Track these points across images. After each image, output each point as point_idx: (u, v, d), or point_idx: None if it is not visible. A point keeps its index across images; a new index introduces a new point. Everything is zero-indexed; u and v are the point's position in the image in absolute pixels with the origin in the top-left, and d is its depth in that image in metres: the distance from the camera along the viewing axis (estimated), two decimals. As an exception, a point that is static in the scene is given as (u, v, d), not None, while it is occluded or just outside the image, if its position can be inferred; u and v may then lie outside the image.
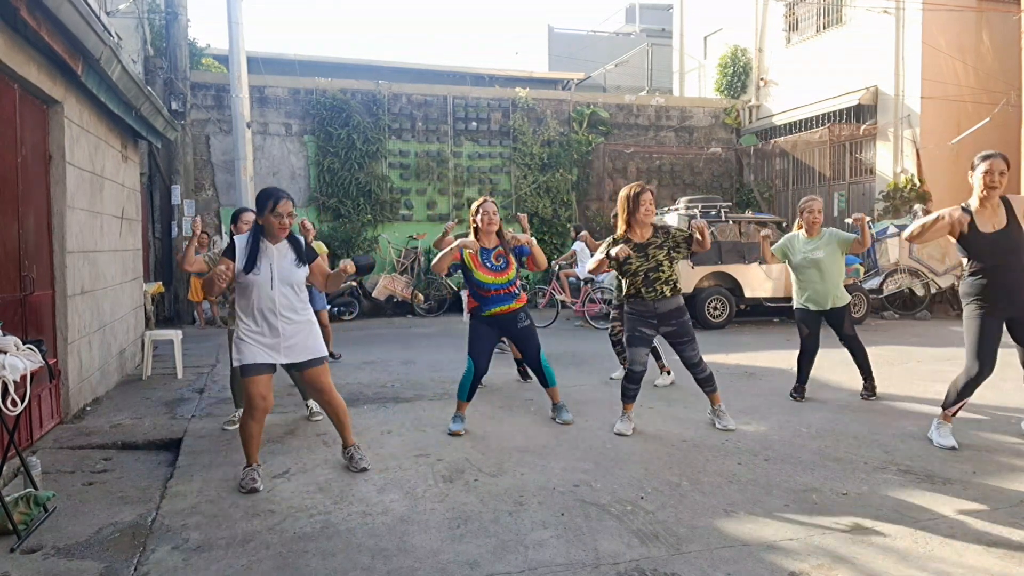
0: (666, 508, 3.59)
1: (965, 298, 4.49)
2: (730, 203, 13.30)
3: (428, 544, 3.21)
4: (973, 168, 4.41)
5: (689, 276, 10.90)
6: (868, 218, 6.02)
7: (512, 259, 5.17)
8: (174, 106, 12.49)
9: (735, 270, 11.06)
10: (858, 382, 6.04)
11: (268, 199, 3.92)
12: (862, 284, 11.73)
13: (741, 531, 3.31)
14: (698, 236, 4.73)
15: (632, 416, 5.04)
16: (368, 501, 3.74)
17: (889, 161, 13.43)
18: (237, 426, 5.22)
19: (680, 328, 4.95)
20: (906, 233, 4.58)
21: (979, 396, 5.40)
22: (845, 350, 5.90)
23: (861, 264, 12.20)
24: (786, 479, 3.99)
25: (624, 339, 5.06)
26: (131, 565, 3.10)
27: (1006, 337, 4.46)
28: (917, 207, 12.21)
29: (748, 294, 11.13)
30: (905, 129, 13.18)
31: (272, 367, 4.05)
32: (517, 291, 5.14)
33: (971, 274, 4.45)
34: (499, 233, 5.15)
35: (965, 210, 4.39)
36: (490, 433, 5.04)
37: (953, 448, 4.45)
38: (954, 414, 4.58)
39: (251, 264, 3.91)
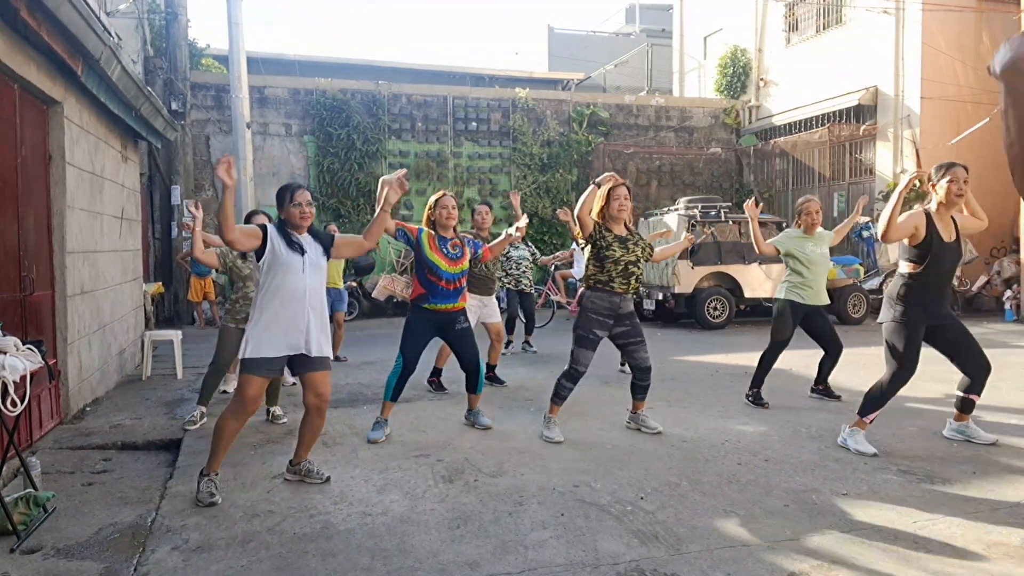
0: (666, 508, 3.59)
1: (899, 301, 4.41)
2: (730, 203, 13.31)
3: (428, 544, 3.21)
4: (932, 179, 4.46)
5: (689, 276, 10.90)
6: (865, 204, 6.18)
7: (467, 251, 5.05)
8: (174, 106, 12.49)
9: (735, 270, 11.06)
10: (859, 383, 6.06)
11: (285, 191, 3.92)
12: (862, 284, 11.73)
13: (741, 531, 3.31)
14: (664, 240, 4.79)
15: (558, 421, 4.90)
16: (368, 501, 3.74)
17: (889, 161, 13.43)
18: (196, 426, 5.15)
19: (634, 328, 4.86)
20: (879, 233, 4.55)
21: (983, 397, 5.41)
22: (844, 350, 5.90)
23: (861, 264, 12.20)
24: (786, 479, 3.99)
25: (574, 339, 4.84)
26: (131, 565, 3.10)
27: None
28: (917, 207, 12.19)
29: (748, 294, 11.13)
30: (905, 129, 13.18)
31: (279, 370, 3.95)
32: (463, 287, 5.03)
33: (913, 279, 4.40)
34: (456, 229, 5.08)
35: (927, 215, 4.41)
36: (490, 433, 5.04)
37: (875, 455, 4.37)
38: (871, 421, 4.54)
39: (289, 243, 3.82)
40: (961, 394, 4.62)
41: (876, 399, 4.50)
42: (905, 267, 4.47)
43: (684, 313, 11.07)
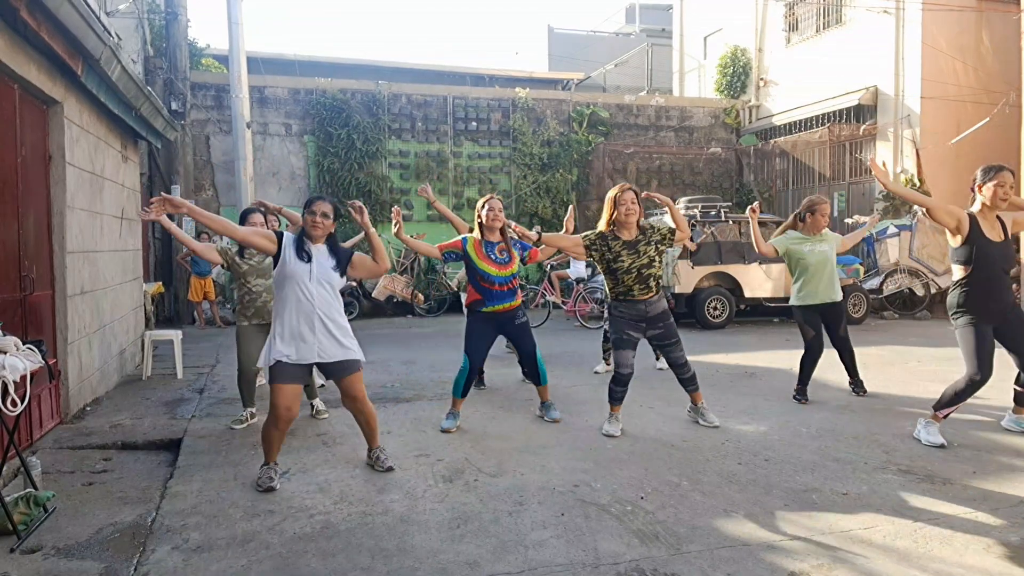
0: (666, 508, 3.59)
1: (958, 308, 4.50)
2: (730, 203, 13.30)
3: (428, 544, 3.21)
4: (977, 181, 4.48)
5: (689, 276, 10.90)
6: (877, 220, 6.26)
7: (515, 254, 5.22)
8: (174, 106, 12.49)
9: (735, 270, 11.06)
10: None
11: (309, 201, 4.07)
12: (862, 284, 11.73)
13: (741, 531, 3.31)
14: (671, 217, 4.90)
15: (620, 417, 5.04)
16: (368, 501, 3.74)
17: (889, 161, 13.42)
18: (244, 425, 5.25)
19: (667, 331, 4.96)
20: (921, 211, 4.62)
21: (980, 396, 5.41)
22: (825, 351, 5.91)
23: (861, 264, 12.21)
24: (786, 479, 3.99)
25: (611, 342, 5.04)
26: (131, 565, 3.10)
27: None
28: (917, 207, 12.19)
29: (748, 294, 11.12)
30: (905, 129, 13.18)
31: (303, 376, 4.07)
32: (517, 287, 5.24)
33: (964, 284, 4.48)
34: (502, 231, 5.21)
35: (971, 215, 4.45)
36: (490, 433, 5.04)
37: (943, 446, 4.48)
38: (945, 416, 4.60)
39: (299, 251, 3.97)
40: (1017, 388, 4.77)
41: (950, 398, 4.55)
42: (957, 271, 4.54)
43: (684, 313, 11.07)
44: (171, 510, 3.68)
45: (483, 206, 5.17)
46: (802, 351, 5.91)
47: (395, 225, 4.80)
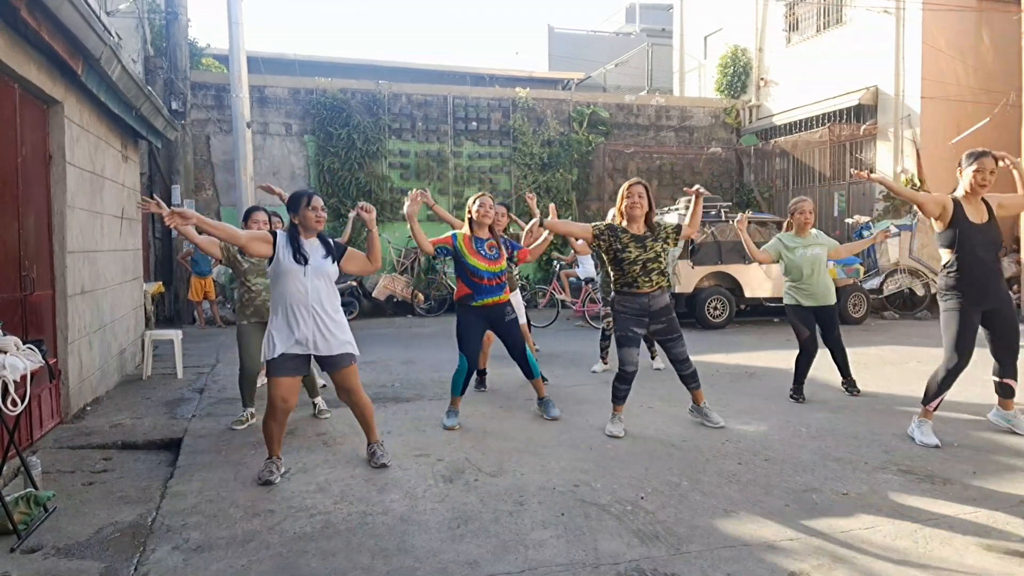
0: (666, 508, 3.59)
1: (946, 292, 4.57)
2: (730, 203, 13.28)
3: (428, 544, 3.21)
4: (961, 165, 4.59)
5: (689, 276, 10.90)
6: (888, 236, 6.37)
7: (504, 251, 5.30)
8: (174, 106, 12.48)
9: (735, 270, 11.06)
10: (860, 383, 6.08)
11: (303, 196, 4.18)
12: (862, 284, 11.73)
13: (741, 531, 3.31)
14: (692, 200, 4.96)
15: (623, 417, 5.04)
16: (368, 501, 3.74)
17: (889, 161, 13.42)
18: (245, 426, 5.25)
19: (670, 325, 4.97)
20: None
21: (980, 396, 5.41)
22: (818, 351, 5.92)
23: (861, 264, 12.20)
24: (786, 479, 3.99)
25: (615, 339, 5.04)
26: (131, 565, 3.10)
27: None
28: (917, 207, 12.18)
29: (748, 294, 11.12)
30: (905, 129, 13.18)
31: (300, 368, 4.13)
32: (505, 283, 5.34)
33: (952, 268, 4.54)
34: (492, 228, 5.32)
35: (954, 199, 4.54)
36: (490, 433, 5.04)
37: (936, 446, 4.47)
38: (935, 409, 4.63)
39: (294, 247, 4.08)
40: (995, 379, 4.74)
41: (935, 390, 4.58)
42: (944, 255, 4.59)
43: (684, 313, 11.04)
44: (171, 510, 3.68)
45: (474, 202, 5.26)
46: (796, 352, 5.95)
47: (408, 205, 4.86)
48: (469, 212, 5.29)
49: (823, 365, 6.05)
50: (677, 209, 11.66)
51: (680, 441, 4.76)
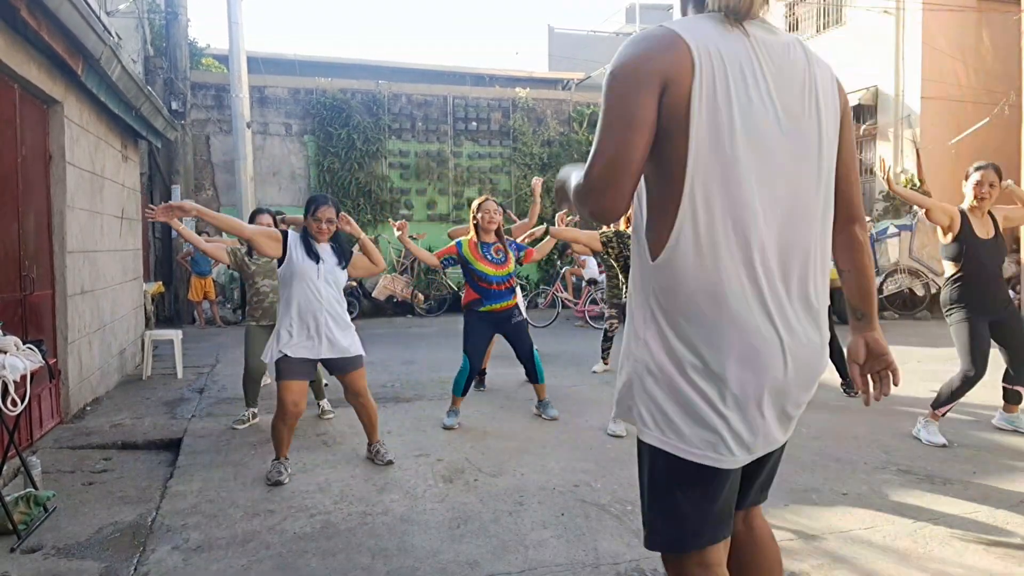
0: (666, 508, 3.58)
1: (951, 304, 4.58)
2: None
3: (428, 544, 3.21)
4: (967, 177, 4.62)
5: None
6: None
7: (511, 254, 5.31)
8: (174, 106, 12.48)
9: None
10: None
11: (311, 204, 4.22)
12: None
13: (741, 531, 3.31)
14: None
15: None
16: (368, 501, 3.74)
17: (889, 161, 13.42)
18: (246, 426, 5.26)
19: None
20: (920, 212, 4.71)
21: (979, 396, 5.40)
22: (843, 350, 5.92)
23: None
24: (786, 479, 3.99)
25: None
26: (131, 565, 3.10)
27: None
28: (916, 207, 12.19)
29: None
30: (905, 129, 13.18)
31: (310, 372, 4.16)
32: (514, 287, 5.35)
33: (956, 280, 4.56)
34: (497, 232, 5.31)
35: (962, 212, 4.56)
36: (490, 433, 5.04)
37: (944, 446, 4.50)
38: (944, 414, 4.64)
39: (307, 250, 4.12)
40: (1006, 386, 4.79)
41: (947, 396, 4.58)
42: (948, 268, 4.61)
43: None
44: (171, 510, 3.68)
45: (478, 209, 5.28)
46: None
47: (398, 232, 5.12)
48: (474, 218, 5.29)
49: (823, 365, 6.05)
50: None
51: (680, 441, 4.75)
